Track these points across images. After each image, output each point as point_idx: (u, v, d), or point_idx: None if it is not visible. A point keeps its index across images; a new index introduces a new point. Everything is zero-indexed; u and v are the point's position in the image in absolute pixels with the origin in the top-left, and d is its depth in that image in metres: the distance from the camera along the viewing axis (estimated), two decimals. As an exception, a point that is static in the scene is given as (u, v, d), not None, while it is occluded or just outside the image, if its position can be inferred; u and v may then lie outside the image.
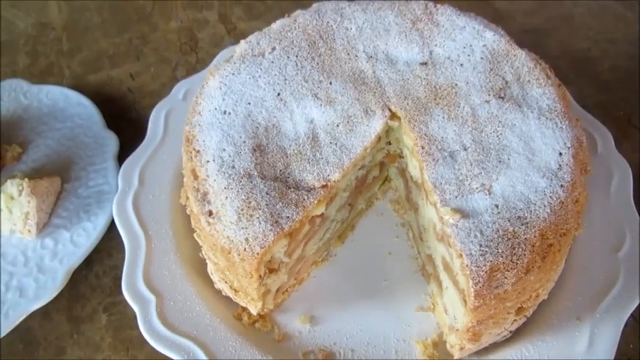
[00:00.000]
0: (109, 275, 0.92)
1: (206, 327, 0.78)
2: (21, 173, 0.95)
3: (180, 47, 1.31)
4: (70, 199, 0.97)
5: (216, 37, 1.33)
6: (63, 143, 1.06)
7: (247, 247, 0.69)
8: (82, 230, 0.91)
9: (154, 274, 0.82)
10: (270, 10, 1.38)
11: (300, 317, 0.81)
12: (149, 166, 0.95)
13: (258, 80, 0.85)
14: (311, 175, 0.75)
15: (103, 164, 1.00)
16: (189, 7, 1.41)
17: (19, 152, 1.04)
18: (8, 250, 0.91)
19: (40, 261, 0.89)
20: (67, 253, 0.89)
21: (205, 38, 1.33)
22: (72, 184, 0.99)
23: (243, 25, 1.35)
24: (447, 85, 0.82)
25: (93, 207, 0.94)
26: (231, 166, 0.75)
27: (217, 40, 1.32)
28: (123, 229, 0.87)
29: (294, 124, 0.80)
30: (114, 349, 0.84)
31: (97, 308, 0.88)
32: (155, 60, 1.28)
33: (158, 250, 0.85)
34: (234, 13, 1.38)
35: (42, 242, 0.91)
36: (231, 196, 0.72)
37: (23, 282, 0.86)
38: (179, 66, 1.26)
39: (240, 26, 1.35)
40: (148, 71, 1.26)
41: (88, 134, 1.06)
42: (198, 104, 0.84)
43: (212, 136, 0.79)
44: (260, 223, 0.70)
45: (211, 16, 1.38)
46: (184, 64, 1.27)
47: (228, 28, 1.35)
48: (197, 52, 1.29)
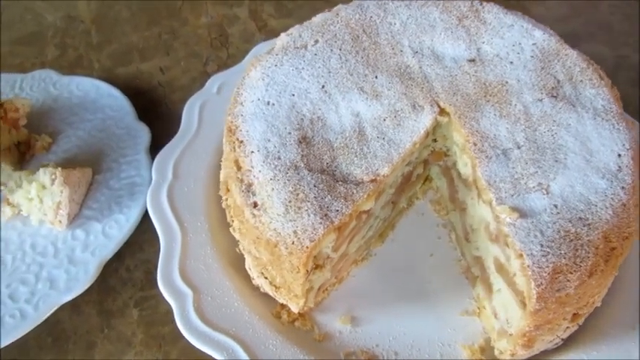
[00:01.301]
0: (141, 269, 0.89)
1: (245, 324, 0.75)
2: (53, 162, 0.92)
3: (210, 42, 1.29)
4: (102, 191, 0.94)
5: (247, 33, 1.31)
6: (94, 134, 1.04)
7: (296, 240, 0.66)
8: (114, 222, 0.89)
9: (191, 268, 0.80)
10: (300, 8, 1.37)
11: (340, 317, 0.78)
12: (183, 159, 0.93)
13: (302, 72, 0.83)
14: (359, 168, 0.72)
15: (135, 156, 0.98)
16: (219, 3, 1.39)
17: (48, 142, 1.02)
18: (38, 240, 0.89)
19: (71, 252, 0.86)
20: (98, 245, 0.86)
21: (236, 34, 1.31)
22: (103, 176, 0.96)
23: (274, 23, 1.33)
24: (497, 83, 0.80)
25: (125, 199, 0.92)
26: (277, 157, 0.73)
27: (248, 36, 1.30)
28: (157, 221, 0.84)
29: (340, 117, 0.78)
30: (145, 345, 0.81)
31: (128, 302, 0.85)
32: (185, 54, 1.26)
33: (194, 243, 0.83)
34: (265, 10, 1.37)
35: (73, 233, 0.89)
36: (277, 187, 0.70)
37: (53, 273, 0.84)
38: (210, 61, 1.24)
39: (271, 23, 1.33)
40: (178, 65, 1.24)
41: (119, 126, 1.04)
42: (239, 95, 0.82)
43: (256, 126, 0.76)
44: (309, 216, 0.67)
45: (242, 12, 1.37)
46: (215, 59, 1.25)
47: (259, 25, 1.33)
48: (228, 48, 1.27)
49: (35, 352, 0.81)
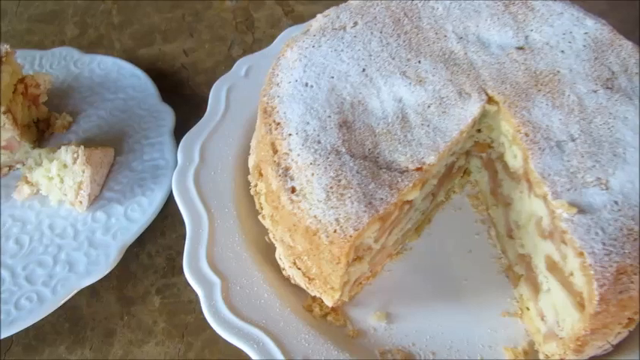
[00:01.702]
0: (162, 255, 0.85)
1: (276, 316, 0.71)
2: (75, 141, 0.88)
3: (235, 26, 1.25)
4: (123, 172, 0.90)
5: (273, 18, 1.27)
6: (115, 115, 0.99)
7: (338, 228, 0.62)
8: (137, 205, 0.85)
9: (219, 256, 0.76)
10: (328, -6, 1.32)
11: (375, 313, 0.74)
12: (210, 142, 0.89)
13: (341, 54, 0.79)
14: (403, 156, 0.68)
15: (159, 138, 0.94)
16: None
17: (69, 121, 0.98)
18: (56, 221, 0.85)
19: (92, 235, 0.82)
20: (120, 228, 0.82)
21: (262, 18, 1.27)
22: (125, 157, 0.92)
23: (301, 8, 1.29)
24: (549, 72, 0.76)
25: (148, 182, 0.88)
26: (317, 140, 0.69)
27: (274, 21, 1.26)
28: (184, 205, 0.80)
29: (382, 102, 0.73)
30: (167, 335, 0.77)
31: (149, 289, 0.81)
32: (209, 37, 1.22)
33: (221, 230, 0.79)
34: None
35: (93, 215, 0.85)
36: (318, 172, 0.65)
37: (73, 256, 0.80)
38: (235, 45, 1.20)
39: (298, 8, 1.29)
40: (202, 48, 1.20)
41: (142, 107, 1.00)
42: (275, 75, 0.78)
43: (294, 108, 0.72)
44: (352, 204, 0.63)
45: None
46: (240, 43, 1.21)
47: (285, 10, 1.29)
48: (253, 32, 1.23)
49: (51, 337, 0.77)
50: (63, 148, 0.83)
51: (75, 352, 0.75)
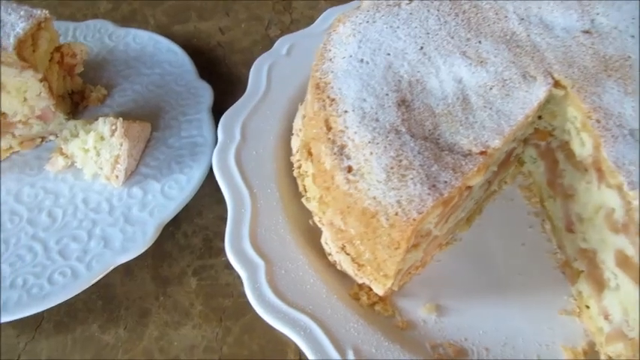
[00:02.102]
0: (199, 235, 0.82)
1: (323, 303, 0.67)
2: (113, 113, 0.85)
3: (272, 6, 1.21)
4: (160, 149, 0.87)
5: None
6: (151, 90, 0.96)
7: (400, 210, 0.58)
8: (174, 182, 0.81)
9: (262, 237, 0.72)
10: (369, -22, 1.28)
11: (425, 305, 0.70)
12: (251, 121, 0.85)
13: (397, 31, 0.74)
14: (466, 139, 0.64)
15: (197, 115, 0.90)
16: (281, -33, 1.31)
17: (103, 94, 0.94)
18: (91, 195, 0.81)
19: (127, 211, 0.78)
20: (157, 205, 0.78)
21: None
22: (162, 133, 0.89)
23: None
24: (619, 57, 0.71)
25: (186, 159, 0.84)
26: (375, 118, 0.65)
27: (312, 2, 1.22)
28: (225, 184, 0.77)
29: (441, 82, 0.69)
30: (205, 318, 0.73)
31: (185, 270, 0.78)
32: (246, 17, 1.18)
33: (264, 211, 0.75)
34: (330, -23, 1.28)
35: (129, 191, 0.81)
36: (377, 151, 0.62)
37: (108, 232, 0.76)
38: (272, 25, 1.16)
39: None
40: (238, 27, 1.16)
41: (179, 83, 0.96)
42: (327, 51, 0.74)
43: (350, 84, 0.68)
44: (415, 185, 0.59)
45: (305, -23, 1.28)
46: (278, 23, 1.17)
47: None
48: (291, 13, 1.19)
49: (83, 315, 0.74)
50: (101, 119, 0.80)
51: (108, 331, 0.72)
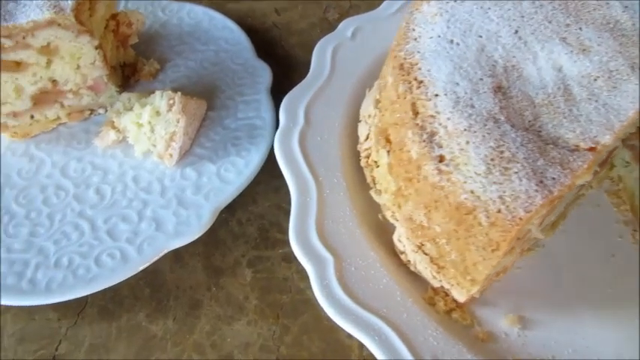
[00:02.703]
0: (254, 224, 0.75)
1: (398, 306, 0.60)
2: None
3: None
4: (215, 129, 0.81)
5: (372, -16, 1.15)
6: (206, 67, 0.90)
7: (504, 208, 0.51)
8: (231, 165, 0.75)
9: (329, 230, 0.66)
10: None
11: (507, 316, 0.63)
12: (315, 105, 0.79)
13: (489, 12, 0.67)
14: (572, 133, 0.57)
15: (255, 96, 0.84)
16: (340, -51, 1.25)
17: (156, 69, 0.88)
18: (141, 174, 0.76)
19: (181, 193, 0.73)
20: (213, 189, 0.72)
21: (359, -16, 1.16)
22: (217, 113, 0.83)
23: (402, -23, 1.17)
24: None
25: (243, 141, 0.78)
26: (470, 104, 0.58)
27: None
28: (288, 169, 0.70)
29: (539, 70, 0.62)
30: (260, 314, 0.67)
31: (239, 260, 0.72)
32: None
33: (331, 201, 0.69)
34: (391, -37, 1.21)
35: (182, 172, 0.75)
36: (474, 140, 0.55)
37: (160, 214, 0.70)
38: (330, 8, 1.10)
39: (398, -22, 1.17)
40: (295, 8, 1.10)
41: (235, 61, 0.90)
42: (411, 30, 0.67)
43: (440, 66, 0.61)
44: (520, 180, 0.52)
45: (365, -38, 1.22)
46: (336, 7, 1.10)
47: (384, -22, 1.17)
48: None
49: (130, 302, 0.68)
50: (158, 92, 0.74)
51: (156, 321, 0.66)
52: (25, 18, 0.66)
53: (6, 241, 0.68)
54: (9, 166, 0.76)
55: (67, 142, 0.80)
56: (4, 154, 0.78)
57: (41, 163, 0.77)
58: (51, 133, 0.81)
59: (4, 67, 0.70)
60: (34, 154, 0.78)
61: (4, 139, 0.79)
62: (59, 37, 0.70)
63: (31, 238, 0.68)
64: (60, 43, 0.71)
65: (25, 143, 0.79)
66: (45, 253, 0.67)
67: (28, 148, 0.79)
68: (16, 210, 0.71)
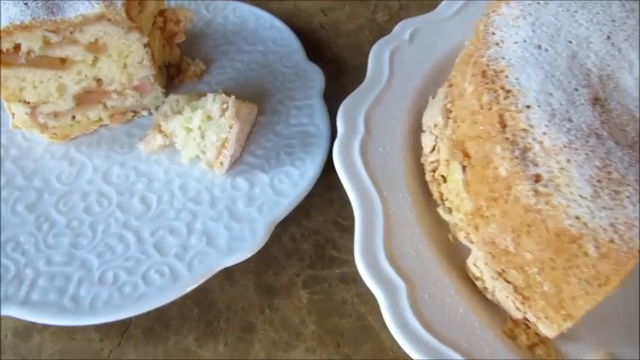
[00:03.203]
0: (309, 240, 0.70)
1: (478, 340, 0.54)
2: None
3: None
4: (266, 136, 0.75)
5: (422, -15, 1.10)
6: (253, 69, 0.85)
7: (617, 237, 0.45)
8: (285, 176, 0.70)
9: (398, 251, 0.60)
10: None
11: (595, 353, 0.57)
12: (375, 112, 0.74)
13: (576, 15, 0.61)
14: (682, 153, 0.50)
15: (307, 101, 0.79)
16: (387, -52, 1.19)
17: (202, 69, 0.83)
18: (189, 182, 0.70)
19: (232, 204, 0.67)
20: (267, 201, 0.67)
21: (408, -16, 1.10)
22: (267, 118, 0.77)
23: (453, -21, 1.11)
24: None
25: (297, 150, 0.73)
26: (567, 118, 0.52)
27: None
28: (350, 183, 0.65)
29: (636, 80, 0.56)
30: (319, 341, 0.61)
31: (294, 280, 0.66)
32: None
33: (398, 219, 0.63)
34: (441, -37, 1.15)
35: (233, 181, 0.70)
36: (577, 159, 0.49)
37: (210, 227, 0.65)
38: (379, 9, 1.04)
39: (449, -21, 1.11)
40: (341, 9, 1.04)
41: (285, 63, 0.85)
42: (490, 34, 0.61)
43: (530, 74, 0.55)
44: (634, 206, 0.46)
45: (413, -38, 1.16)
46: (385, 8, 1.05)
47: (435, -22, 1.11)
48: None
49: (177, 323, 0.63)
50: (210, 96, 0.69)
51: (206, 345, 0.61)
52: (73, 12, 0.61)
53: (46, 252, 0.63)
54: (48, 169, 0.71)
55: (108, 146, 0.74)
56: (43, 156, 0.73)
57: (82, 167, 0.72)
58: (92, 136, 0.76)
59: (49, 64, 0.65)
60: (75, 158, 0.73)
61: (42, 140, 0.74)
62: (108, 34, 0.65)
63: (73, 250, 0.63)
64: (108, 40, 0.66)
65: (65, 145, 0.74)
66: (88, 266, 0.61)
67: (67, 151, 0.74)
68: (56, 218, 0.66)
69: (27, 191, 0.69)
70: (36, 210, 0.67)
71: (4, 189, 0.69)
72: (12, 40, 0.61)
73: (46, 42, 0.62)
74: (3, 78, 0.64)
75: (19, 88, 0.66)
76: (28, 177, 0.70)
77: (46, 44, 0.63)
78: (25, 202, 0.67)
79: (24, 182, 0.70)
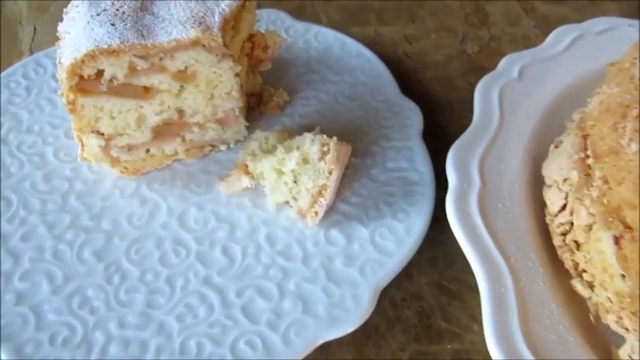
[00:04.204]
0: (412, 307, 0.60)
1: None
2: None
3: (465, 17, 1.00)
4: (362, 181, 0.66)
5: (511, 14, 1.01)
6: (341, 102, 0.76)
7: None
8: (387, 231, 0.60)
9: (538, 337, 0.50)
10: (575, -5, 1.06)
11: None
12: (488, 159, 0.65)
13: None
14: None
15: (406, 142, 0.70)
16: (468, -27, 1.11)
17: (285, 101, 0.75)
18: (276, 232, 0.61)
19: (329, 262, 0.58)
20: (368, 260, 0.58)
21: (497, 13, 1.02)
22: (361, 160, 0.69)
23: (544, 8, 1.03)
24: None
25: (398, 200, 0.63)
26: None
27: (512, 18, 1.01)
28: (472, 247, 0.56)
29: None
30: None
31: (398, 356, 0.57)
32: (435, 26, 0.98)
33: (531, 293, 0.53)
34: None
35: (327, 234, 0.61)
36: None
37: (306, 289, 0.56)
38: (468, 40, 0.96)
39: (541, 8, 1.03)
40: (427, 37, 0.96)
41: (376, 97, 0.76)
42: None
43: None
44: None
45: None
46: (474, 38, 0.96)
47: (524, 7, 1.03)
48: (489, 28, 0.98)
49: (265, 403, 0.53)
50: (308, 135, 0.60)
51: None
52: (166, 36, 0.53)
53: (118, 311, 0.54)
54: (117, 209, 0.63)
55: (184, 184, 0.66)
56: (111, 192, 0.65)
57: (155, 208, 0.63)
58: (164, 171, 0.68)
59: (131, 93, 0.57)
60: (147, 196, 0.65)
61: (110, 173, 0.66)
62: (199, 61, 0.57)
63: (149, 310, 0.54)
64: (199, 68, 0.58)
65: (135, 181, 0.66)
66: (167, 332, 0.52)
67: (138, 188, 0.65)
68: (128, 268, 0.58)
69: (94, 234, 0.60)
70: (105, 257, 0.58)
71: (69, 230, 0.60)
72: (96, 65, 0.53)
73: (132, 69, 0.54)
74: (79, 107, 0.56)
75: (95, 118, 0.58)
76: (95, 217, 0.62)
77: (132, 71, 0.55)
78: (93, 248, 0.59)
79: (91, 223, 0.61)
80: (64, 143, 0.70)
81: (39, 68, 0.79)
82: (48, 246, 0.59)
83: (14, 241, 0.59)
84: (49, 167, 0.67)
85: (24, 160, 0.67)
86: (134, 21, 0.54)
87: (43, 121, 0.72)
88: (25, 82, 0.77)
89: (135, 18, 0.54)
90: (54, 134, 0.71)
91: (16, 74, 0.78)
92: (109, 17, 0.53)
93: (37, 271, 0.57)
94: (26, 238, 0.59)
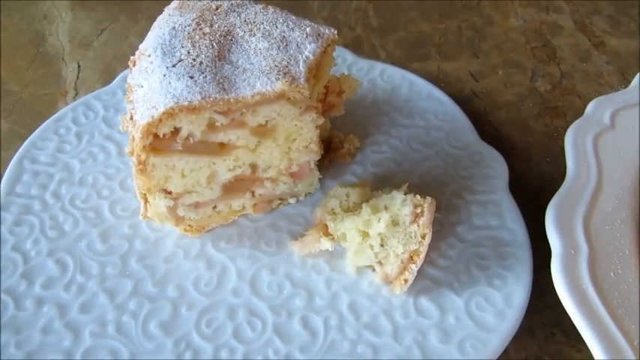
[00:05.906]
0: (511, 391, 0.53)
1: None
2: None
3: (531, 52, 0.95)
4: (448, 241, 0.60)
5: (579, 49, 0.95)
6: (415, 148, 0.71)
7: None
8: (484, 300, 0.54)
9: None
10: (644, 26, 1.00)
11: None
12: (593, 220, 0.58)
13: None
14: None
15: (492, 195, 0.63)
16: (530, 4, 1.05)
17: (355, 147, 0.69)
18: (359, 301, 0.55)
19: (422, 338, 0.52)
20: (467, 337, 0.51)
21: (564, 47, 0.96)
22: (445, 216, 0.62)
23: (614, 42, 0.97)
24: None
25: (491, 263, 0.57)
26: None
27: (582, 53, 0.95)
28: (589, 328, 0.49)
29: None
30: None
31: None
32: (501, 61, 0.93)
33: (664, 386, 0.45)
34: (595, 23, 1.01)
35: (416, 303, 0.55)
36: None
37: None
38: (538, 76, 0.90)
39: (610, 42, 0.97)
40: (494, 74, 0.90)
41: (453, 143, 0.70)
42: None
43: None
44: None
45: (564, 21, 1.02)
46: (545, 75, 0.90)
47: (593, 42, 0.97)
48: (558, 64, 0.92)
49: None
50: (397, 195, 0.55)
51: None
52: (249, 89, 0.48)
53: (193, 397, 0.48)
54: (182, 272, 0.57)
55: (252, 242, 0.60)
56: (175, 253, 0.59)
57: (223, 271, 0.58)
58: (230, 228, 0.62)
59: (206, 151, 0.52)
60: (213, 257, 0.59)
61: (172, 231, 0.60)
62: (282, 115, 0.52)
63: (227, 396, 0.48)
64: (280, 122, 0.53)
65: (200, 240, 0.61)
66: None
67: (203, 248, 0.60)
68: (200, 345, 0.52)
69: (160, 303, 0.55)
70: (173, 331, 0.52)
71: (132, 298, 0.55)
72: (173, 123, 0.47)
73: (210, 125, 0.49)
74: (150, 166, 0.50)
75: (165, 177, 0.53)
76: (159, 282, 0.56)
77: (210, 128, 0.49)
78: (160, 320, 0.53)
79: (155, 290, 0.56)
80: (120, 196, 0.64)
81: (89, 112, 0.74)
82: (110, 318, 0.53)
83: (73, 312, 0.53)
84: (106, 224, 0.61)
85: (78, 217, 0.62)
86: (213, 72, 0.48)
87: (97, 172, 0.67)
88: (76, 127, 0.72)
89: (214, 69, 0.48)
90: (109, 186, 0.65)
91: (65, 119, 0.73)
92: (186, 69, 0.48)
93: (100, 348, 0.51)
94: (86, 308, 0.54)
